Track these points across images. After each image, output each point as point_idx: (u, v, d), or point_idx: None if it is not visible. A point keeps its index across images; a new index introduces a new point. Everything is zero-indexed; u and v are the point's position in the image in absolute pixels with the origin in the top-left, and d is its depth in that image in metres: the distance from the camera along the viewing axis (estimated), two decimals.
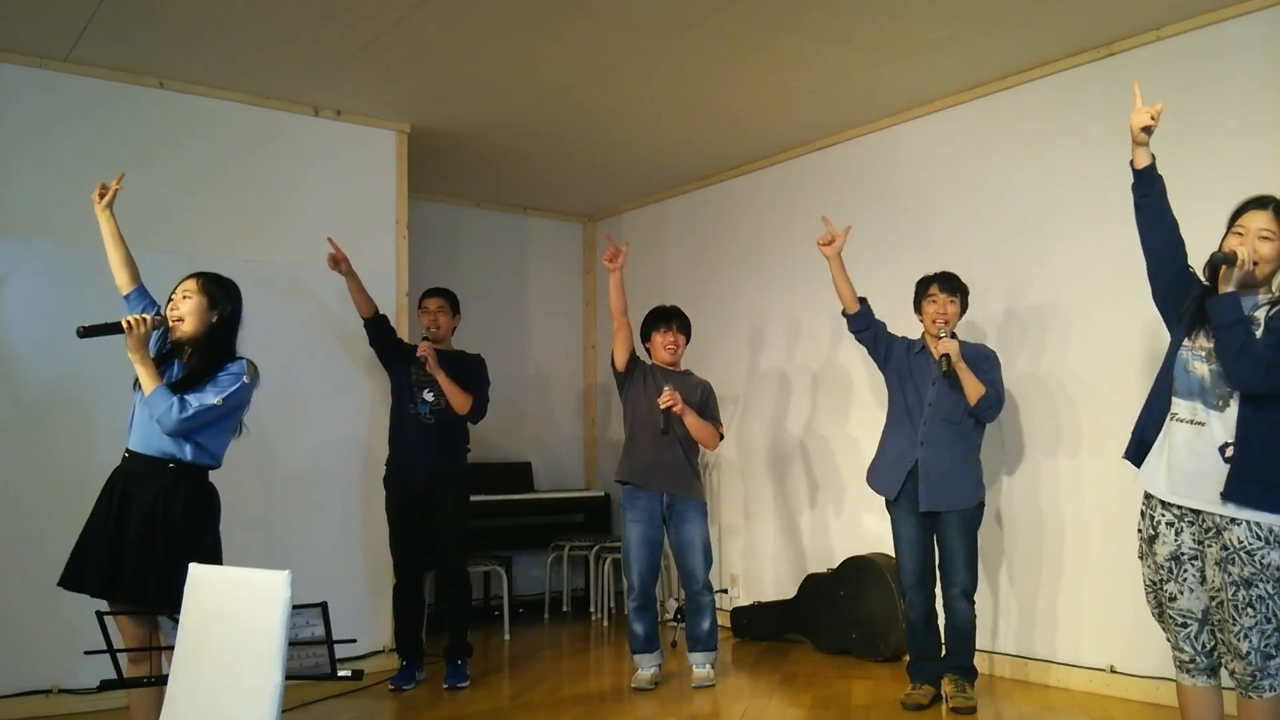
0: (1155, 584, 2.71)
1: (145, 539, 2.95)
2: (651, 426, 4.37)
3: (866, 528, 5.10)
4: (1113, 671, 4.08)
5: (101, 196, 3.33)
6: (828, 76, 4.57)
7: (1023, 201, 4.50)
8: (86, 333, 2.94)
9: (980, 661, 4.28)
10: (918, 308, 4.06)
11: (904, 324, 4.23)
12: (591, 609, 6.20)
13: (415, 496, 4.49)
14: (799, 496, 5.50)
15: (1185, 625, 2.65)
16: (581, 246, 7.19)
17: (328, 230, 4.88)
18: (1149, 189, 2.79)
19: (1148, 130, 2.75)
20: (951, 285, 4.02)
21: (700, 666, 4.41)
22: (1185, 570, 2.63)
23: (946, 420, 3.93)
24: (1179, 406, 2.66)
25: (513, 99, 4.84)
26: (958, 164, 4.78)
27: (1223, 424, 2.57)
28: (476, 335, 5.46)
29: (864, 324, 4.12)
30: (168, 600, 2.82)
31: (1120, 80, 4.18)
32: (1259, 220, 2.60)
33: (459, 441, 4.62)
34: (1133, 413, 2.79)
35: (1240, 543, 2.50)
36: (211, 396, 3.01)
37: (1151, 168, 2.78)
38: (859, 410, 5.18)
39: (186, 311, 3.11)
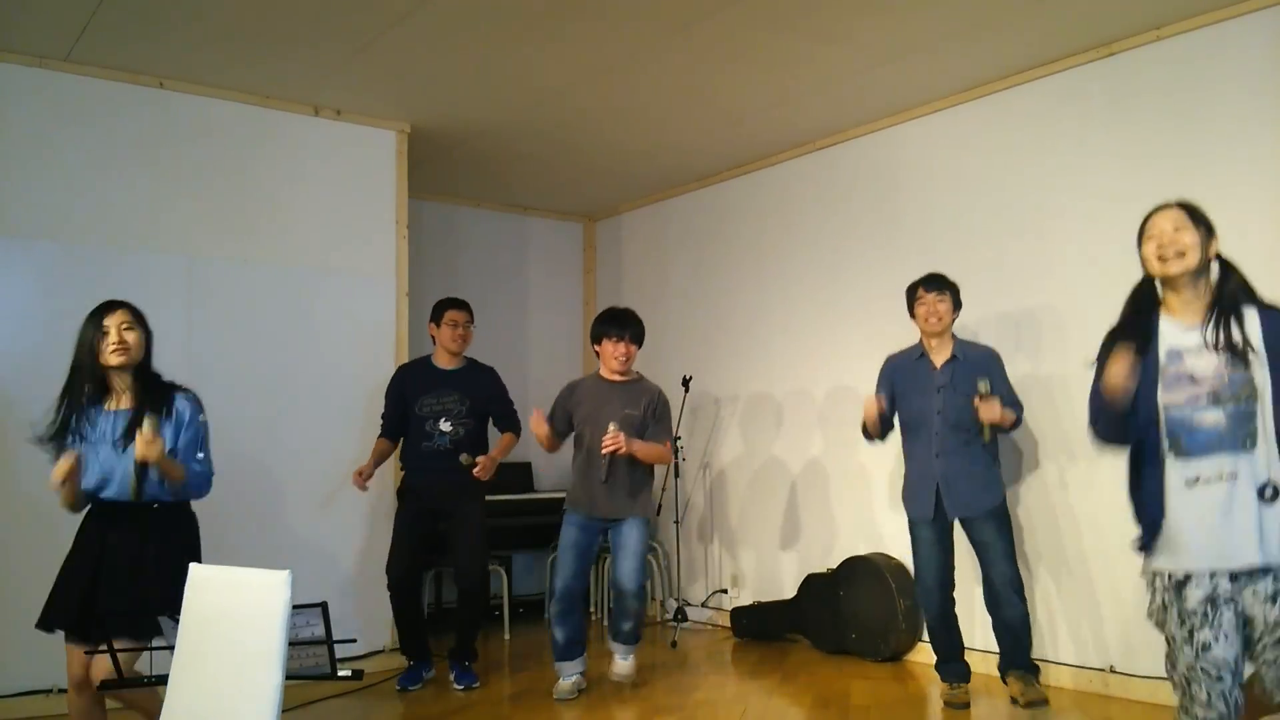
0: (1180, 641, 2.41)
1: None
2: (590, 454, 4.21)
3: (867, 528, 5.10)
4: (1113, 671, 4.08)
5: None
6: (828, 77, 4.57)
7: (1023, 202, 4.50)
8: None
9: (981, 661, 4.29)
10: (911, 313, 4.08)
11: (908, 323, 4.23)
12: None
13: (429, 511, 4.47)
14: (800, 496, 5.50)
15: (1220, 679, 2.36)
16: (581, 246, 7.19)
17: (328, 230, 4.88)
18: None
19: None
20: (937, 284, 4.02)
21: (623, 657, 4.33)
22: (1221, 614, 2.36)
23: (957, 427, 3.92)
24: (1199, 468, 2.40)
25: (513, 99, 4.84)
26: (958, 164, 4.78)
27: (1252, 464, 2.36)
28: (476, 335, 5.44)
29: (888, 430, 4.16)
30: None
31: (1120, 80, 4.18)
32: (1167, 220, 2.50)
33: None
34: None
35: None
36: (200, 452, 3.17)
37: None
38: (858, 409, 5.17)
39: (133, 343, 3.11)
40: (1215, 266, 2.52)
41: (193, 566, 2.21)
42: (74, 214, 4.30)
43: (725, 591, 5.84)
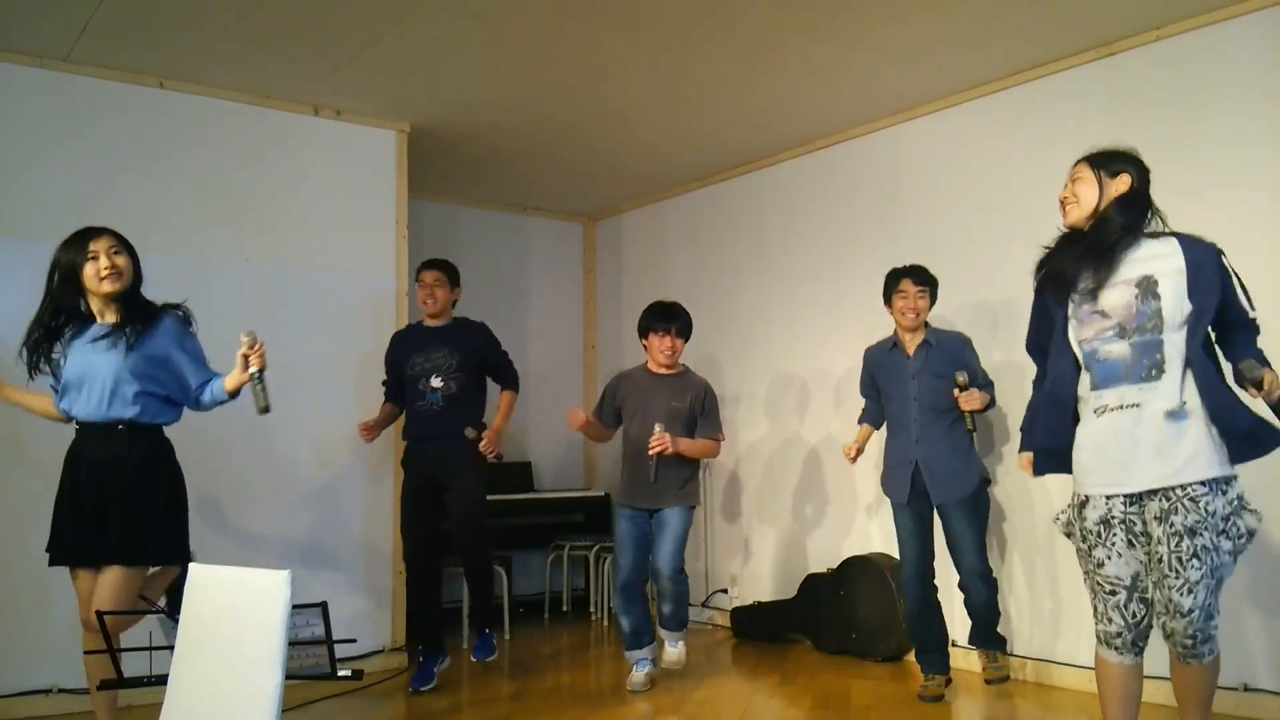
0: (1083, 553, 2.64)
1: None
2: (639, 446, 4.23)
3: (868, 528, 5.10)
4: None
5: None
6: (829, 76, 4.57)
7: (1023, 201, 4.49)
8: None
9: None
10: (888, 301, 4.11)
11: None
12: (591, 609, 6.20)
13: (430, 480, 4.42)
14: (800, 496, 5.50)
15: (1114, 593, 2.56)
16: (581, 246, 7.19)
17: (328, 230, 4.88)
18: None
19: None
20: (921, 277, 4.06)
21: (671, 644, 4.34)
22: (1114, 534, 2.56)
23: (934, 409, 3.97)
24: (1105, 397, 2.57)
25: (513, 99, 4.83)
26: (958, 164, 4.78)
27: (1162, 391, 2.50)
28: None
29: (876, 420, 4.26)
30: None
31: (1120, 80, 4.18)
32: (1070, 173, 2.75)
33: (472, 420, 4.44)
34: None
35: (1183, 491, 2.47)
36: (204, 363, 3.32)
37: None
38: (859, 410, 5.17)
39: (124, 267, 3.14)
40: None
41: (192, 566, 2.21)
42: (74, 214, 4.27)
43: (725, 591, 5.85)
